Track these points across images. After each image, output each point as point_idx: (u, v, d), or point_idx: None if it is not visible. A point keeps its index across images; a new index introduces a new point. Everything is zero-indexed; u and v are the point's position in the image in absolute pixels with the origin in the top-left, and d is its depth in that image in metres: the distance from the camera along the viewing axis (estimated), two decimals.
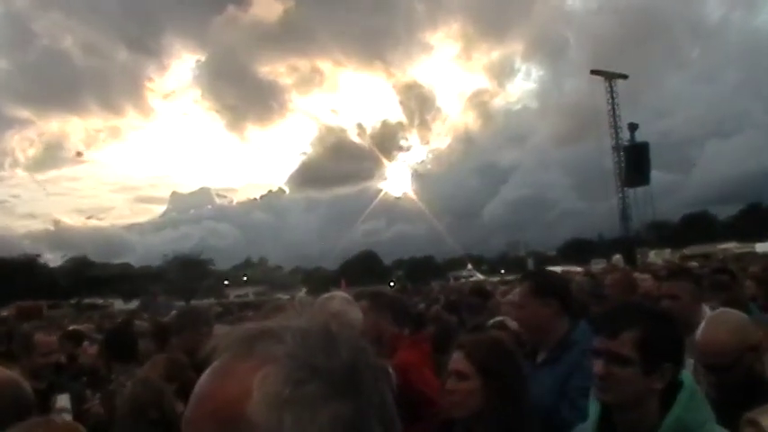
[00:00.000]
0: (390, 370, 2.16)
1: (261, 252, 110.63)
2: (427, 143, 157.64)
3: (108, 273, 63.62)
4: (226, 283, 75.21)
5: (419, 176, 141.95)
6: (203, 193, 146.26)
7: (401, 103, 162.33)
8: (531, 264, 65.54)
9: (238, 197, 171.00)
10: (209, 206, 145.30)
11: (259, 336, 0.65)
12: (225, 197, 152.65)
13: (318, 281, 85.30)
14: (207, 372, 0.67)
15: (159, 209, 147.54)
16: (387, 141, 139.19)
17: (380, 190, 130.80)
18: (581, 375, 2.21)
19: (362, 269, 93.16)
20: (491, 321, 3.60)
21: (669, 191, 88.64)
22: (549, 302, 2.69)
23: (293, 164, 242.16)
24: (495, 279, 32.99)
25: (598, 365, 1.68)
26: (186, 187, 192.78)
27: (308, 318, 0.70)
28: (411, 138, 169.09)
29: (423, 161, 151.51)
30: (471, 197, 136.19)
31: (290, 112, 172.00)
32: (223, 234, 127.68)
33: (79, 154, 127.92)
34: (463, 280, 61.64)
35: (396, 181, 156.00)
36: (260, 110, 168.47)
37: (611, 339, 1.68)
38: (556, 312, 2.68)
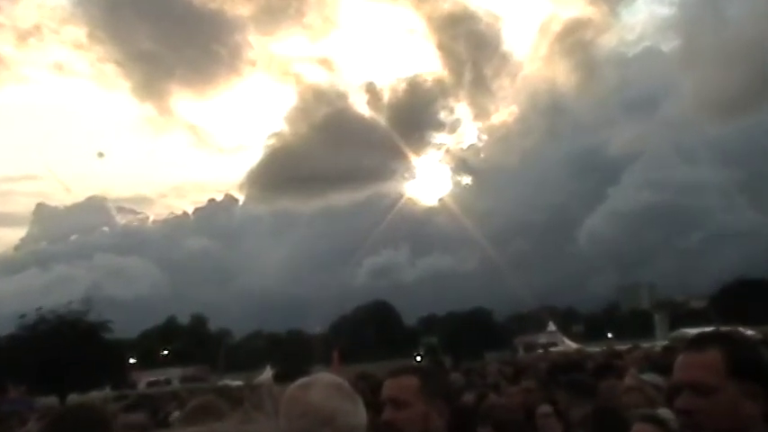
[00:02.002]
0: None
1: (194, 306, 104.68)
2: (483, 117, 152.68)
3: None
4: (132, 361, 69.25)
5: (467, 173, 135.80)
6: (94, 206, 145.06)
7: (440, 48, 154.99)
8: (660, 321, 61.38)
9: (157, 212, 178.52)
10: (105, 228, 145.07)
11: None
12: (134, 213, 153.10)
13: (293, 354, 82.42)
14: None
15: (14, 234, 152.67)
16: (415, 114, 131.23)
17: (401, 196, 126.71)
18: None
19: (369, 333, 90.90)
20: (639, 412, 3.39)
21: None
22: (752, 392, 2.22)
23: (253, 155, 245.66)
24: (597, 349, 30.66)
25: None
26: (63, 197, 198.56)
27: (271, 425, 0.63)
28: (457, 108, 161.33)
29: (474, 147, 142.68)
30: (557, 208, 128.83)
31: (249, 67, 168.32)
32: (129, 276, 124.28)
33: None
34: (541, 351, 59.29)
35: (428, 181, 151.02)
36: (194, 63, 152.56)
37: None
38: (763, 411, 2.25)
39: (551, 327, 73.19)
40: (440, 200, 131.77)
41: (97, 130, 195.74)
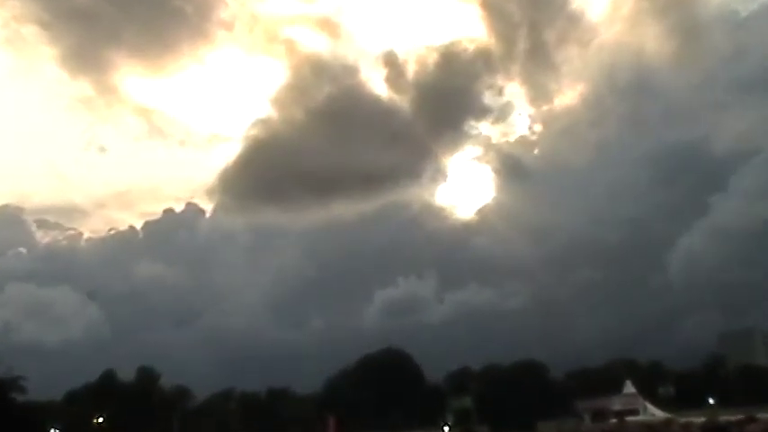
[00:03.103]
0: None
1: (142, 355, 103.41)
2: (542, 100, 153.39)
3: None
4: None
5: (516, 175, 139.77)
6: (6, 219, 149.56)
7: (485, 6, 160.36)
8: None
9: (93, 227, 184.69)
10: (21, 249, 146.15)
11: None
12: (60, 228, 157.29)
13: (275, 422, 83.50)
14: None
15: None
16: (450, 96, 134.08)
17: (427, 207, 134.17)
18: None
19: (378, 392, 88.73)
20: None
21: None
22: None
23: (228, 151, 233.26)
24: (695, 419, 32.74)
25: None
26: None
27: None
28: (507, 88, 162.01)
29: (525, 141, 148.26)
30: (639, 224, 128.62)
31: (223, 32, 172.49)
32: (54, 314, 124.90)
33: None
34: (614, 420, 60.53)
35: (463, 187, 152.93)
36: (147, 25, 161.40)
37: None
38: None
39: (629, 388, 72.97)
40: (478, 212, 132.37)
41: (11, 114, 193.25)
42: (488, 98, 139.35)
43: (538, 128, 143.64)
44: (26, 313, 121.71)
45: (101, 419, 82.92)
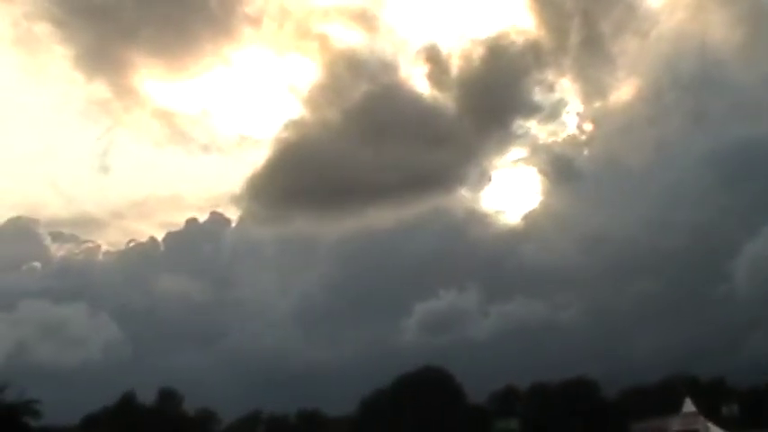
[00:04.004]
0: None
1: (163, 377, 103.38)
2: (596, 96, 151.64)
3: None
4: None
5: (566, 178, 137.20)
6: (19, 231, 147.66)
7: None
8: None
9: (111, 239, 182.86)
10: (36, 263, 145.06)
11: None
12: (76, 241, 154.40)
13: None
14: None
15: None
16: (497, 93, 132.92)
17: (471, 213, 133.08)
18: None
19: (417, 414, 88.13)
20: None
21: None
22: None
23: (256, 156, 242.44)
24: None
25: None
26: None
27: None
28: (559, 83, 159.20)
29: (575, 140, 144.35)
30: (702, 230, 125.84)
31: (250, 28, 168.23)
32: (70, 333, 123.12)
33: None
34: None
35: (509, 191, 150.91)
36: (168, 22, 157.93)
37: None
38: None
39: (689, 406, 70.71)
40: (526, 217, 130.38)
41: (23, 118, 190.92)
42: (538, 95, 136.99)
43: (591, 126, 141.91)
44: (40, 332, 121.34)
45: None
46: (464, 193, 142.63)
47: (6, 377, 66.66)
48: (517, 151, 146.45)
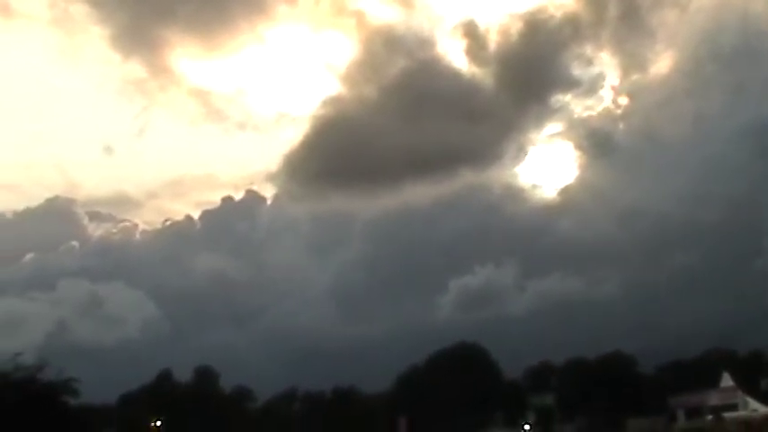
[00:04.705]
0: None
1: (200, 354, 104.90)
2: (635, 67, 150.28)
3: None
4: None
5: (602, 152, 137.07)
6: (57, 211, 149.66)
7: None
8: None
9: (147, 218, 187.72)
10: (74, 242, 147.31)
11: None
12: (113, 220, 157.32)
13: (342, 423, 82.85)
14: None
15: None
16: (535, 68, 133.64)
17: (507, 189, 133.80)
18: None
19: (452, 390, 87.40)
20: None
21: None
22: None
23: (292, 133, 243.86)
24: None
25: None
26: (12, 200, 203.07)
27: None
28: (597, 57, 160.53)
29: (616, 111, 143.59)
30: (739, 203, 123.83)
31: (285, 6, 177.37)
32: (108, 312, 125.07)
33: None
34: (711, 417, 60.57)
35: (545, 166, 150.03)
36: (206, 0, 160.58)
37: None
38: None
39: (727, 381, 71.11)
40: (561, 192, 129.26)
41: (59, 98, 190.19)
42: (576, 69, 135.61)
43: (629, 99, 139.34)
44: (79, 311, 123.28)
45: (158, 423, 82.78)
46: (500, 168, 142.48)
47: (46, 356, 68.23)
48: (554, 126, 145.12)
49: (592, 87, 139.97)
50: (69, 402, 65.34)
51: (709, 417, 63.30)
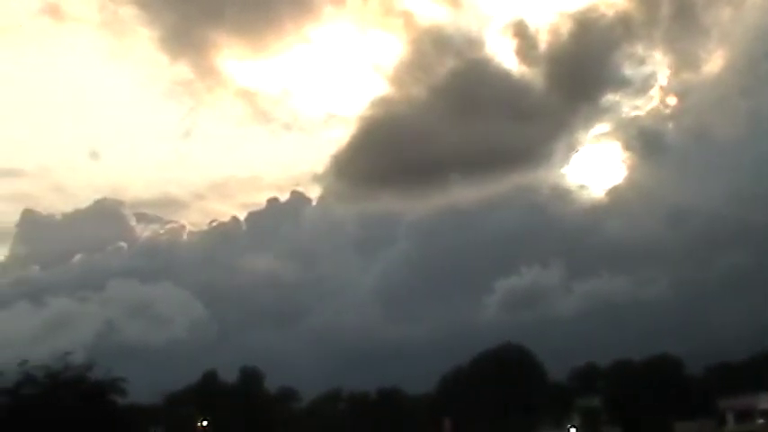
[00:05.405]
0: None
1: (245, 355, 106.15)
2: (688, 66, 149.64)
3: None
4: None
5: (654, 148, 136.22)
6: (105, 213, 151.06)
7: None
8: None
9: (193, 219, 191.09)
10: (122, 243, 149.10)
11: None
12: (160, 221, 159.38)
13: (386, 423, 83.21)
14: None
15: None
16: (586, 68, 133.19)
17: (554, 189, 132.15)
18: None
19: (496, 392, 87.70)
20: None
21: None
22: None
23: (339, 134, 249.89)
24: None
25: None
26: (61, 201, 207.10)
27: None
28: (649, 56, 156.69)
29: (666, 111, 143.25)
30: None
31: (331, 7, 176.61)
32: (157, 312, 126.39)
33: None
34: (762, 421, 62.28)
35: (595, 164, 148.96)
36: (250, 2, 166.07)
37: None
38: None
39: None
40: (609, 192, 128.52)
41: (108, 101, 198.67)
42: (628, 69, 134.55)
43: (680, 98, 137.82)
44: (128, 311, 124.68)
45: (204, 423, 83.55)
46: (548, 168, 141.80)
47: (95, 355, 69.41)
48: (603, 125, 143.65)
49: (643, 87, 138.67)
50: (117, 401, 66.86)
51: (760, 421, 62.96)
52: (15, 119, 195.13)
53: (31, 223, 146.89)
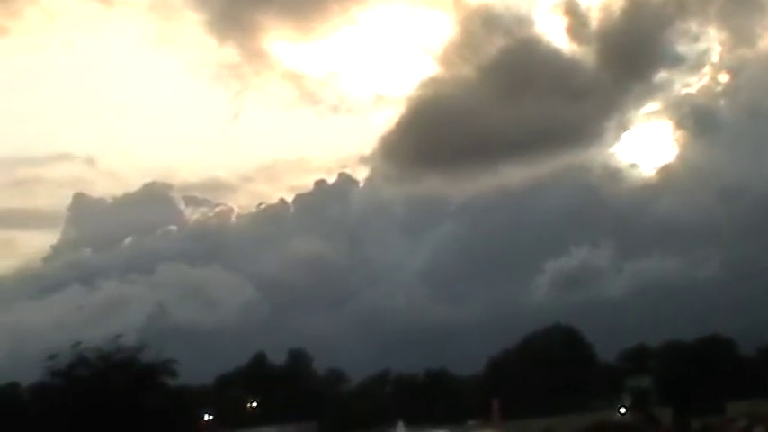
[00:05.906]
0: None
1: (294, 337, 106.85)
2: (743, 43, 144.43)
3: None
4: (208, 417, 73.54)
5: (707, 125, 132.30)
6: (155, 196, 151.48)
7: None
8: None
9: (242, 202, 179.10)
10: (172, 227, 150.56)
11: None
12: (209, 205, 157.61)
13: (435, 405, 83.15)
14: None
15: (42, 240, 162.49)
16: (638, 45, 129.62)
17: (605, 169, 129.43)
18: None
19: (546, 373, 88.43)
20: None
21: None
22: None
23: (386, 116, 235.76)
24: None
25: None
26: (111, 185, 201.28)
27: None
28: (704, 33, 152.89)
29: (720, 88, 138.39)
30: None
31: None
32: (208, 295, 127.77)
33: None
34: None
35: (646, 142, 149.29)
36: None
37: None
38: None
39: None
40: (660, 171, 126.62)
41: (156, 85, 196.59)
42: (682, 46, 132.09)
43: (734, 75, 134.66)
44: (178, 294, 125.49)
45: (254, 404, 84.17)
46: (599, 147, 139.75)
47: (146, 338, 70.85)
48: (654, 104, 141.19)
49: (696, 64, 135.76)
50: (168, 383, 68.18)
51: None
52: (65, 104, 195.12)
53: (82, 207, 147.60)
